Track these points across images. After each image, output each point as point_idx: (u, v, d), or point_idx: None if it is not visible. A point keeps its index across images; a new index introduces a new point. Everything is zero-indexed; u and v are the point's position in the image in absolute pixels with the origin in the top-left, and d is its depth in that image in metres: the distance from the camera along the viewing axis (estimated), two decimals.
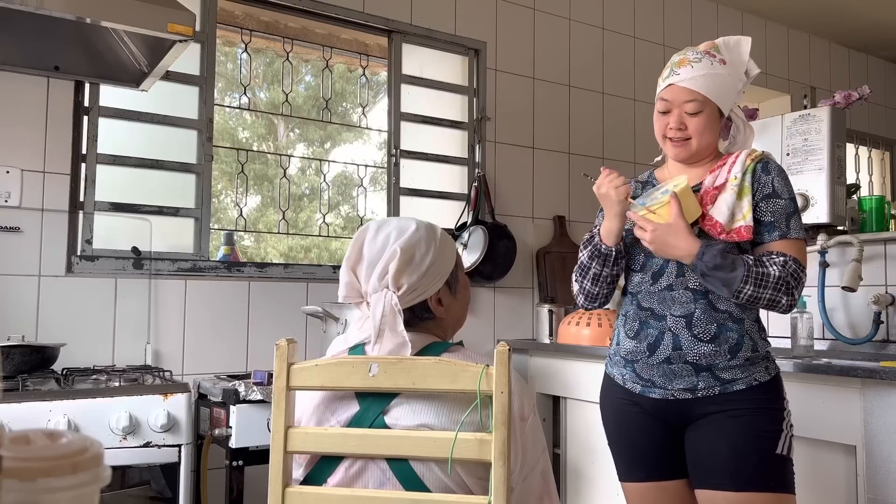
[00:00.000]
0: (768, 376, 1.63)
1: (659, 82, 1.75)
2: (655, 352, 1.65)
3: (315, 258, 3.59)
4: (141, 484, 2.34)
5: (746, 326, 1.63)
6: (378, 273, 1.32)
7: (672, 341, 1.63)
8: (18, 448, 0.51)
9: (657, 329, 1.66)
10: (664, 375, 1.64)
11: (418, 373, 1.23)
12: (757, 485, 1.56)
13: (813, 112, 2.61)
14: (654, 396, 1.67)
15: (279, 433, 1.28)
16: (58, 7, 1.95)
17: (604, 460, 2.73)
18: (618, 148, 3.88)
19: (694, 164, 1.76)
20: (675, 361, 1.63)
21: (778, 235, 1.63)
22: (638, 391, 1.70)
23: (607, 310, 2.99)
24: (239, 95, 3.18)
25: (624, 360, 1.72)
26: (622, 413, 1.75)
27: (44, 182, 2.51)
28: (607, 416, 1.81)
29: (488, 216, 3.38)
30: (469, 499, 1.23)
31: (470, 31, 3.47)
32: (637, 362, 1.68)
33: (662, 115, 1.73)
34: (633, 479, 1.76)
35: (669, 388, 1.64)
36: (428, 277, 1.34)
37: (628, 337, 1.71)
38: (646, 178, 1.87)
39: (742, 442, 1.58)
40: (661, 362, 1.64)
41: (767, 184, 1.66)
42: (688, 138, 1.70)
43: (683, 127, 1.69)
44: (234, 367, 2.76)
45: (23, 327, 2.40)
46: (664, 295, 1.67)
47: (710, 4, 4.34)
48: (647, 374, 1.67)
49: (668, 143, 1.73)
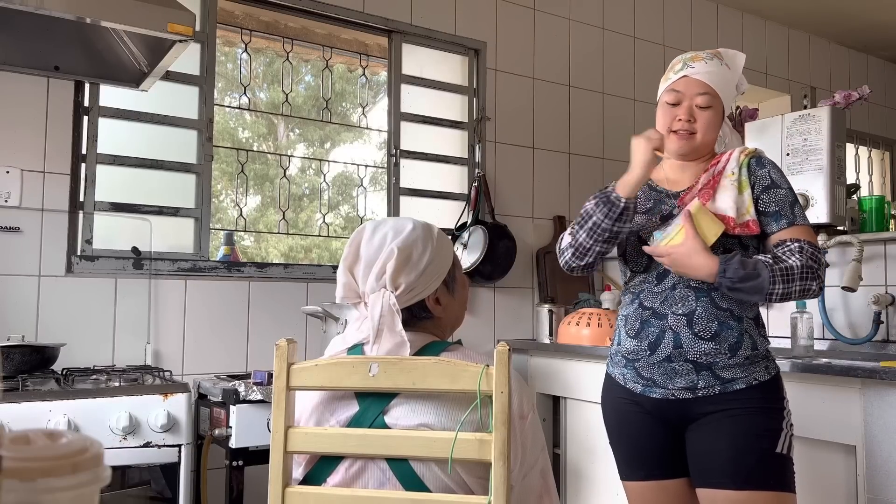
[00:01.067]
0: (768, 376, 1.63)
1: (668, 76, 1.75)
2: (656, 350, 1.64)
3: (315, 258, 3.59)
4: (141, 484, 2.34)
5: (745, 325, 1.63)
6: (376, 273, 1.32)
7: (673, 340, 1.63)
8: (18, 448, 0.51)
9: (658, 328, 1.65)
10: (665, 374, 1.64)
11: (418, 373, 1.23)
12: (757, 484, 1.56)
13: (813, 112, 2.61)
14: (654, 396, 1.67)
15: (279, 433, 1.28)
16: (58, 7, 1.95)
17: (604, 460, 2.73)
18: (618, 148, 3.88)
19: (691, 162, 1.76)
20: (676, 360, 1.62)
21: (786, 223, 1.64)
22: (639, 391, 1.70)
23: (607, 310, 2.99)
24: (239, 95, 3.18)
25: (625, 359, 1.72)
26: (623, 413, 1.75)
27: (44, 182, 2.51)
28: (608, 415, 1.81)
29: (488, 216, 3.38)
30: (469, 499, 1.23)
31: (470, 31, 3.47)
32: (638, 361, 1.68)
33: (671, 107, 1.72)
34: (634, 479, 1.76)
35: (670, 387, 1.65)
36: (425, 277, 1.34)
37: (629, 336, 1.71)
38: None
39: (742, 441, 1.58)
40: (661, 361, 1.64)
41: (765, 176, 1.67)
42: (693, 132, 1.70)
43: (693, 119, 1.69)
44: (234, 367, 2.76)
45: (23, 327, 2.40)
46: (667, 294, 1.67)
47: (710, 4, 4.34)
48: (647, 374, 1.67)
49: (672, 136, 1.72)
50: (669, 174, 1.79)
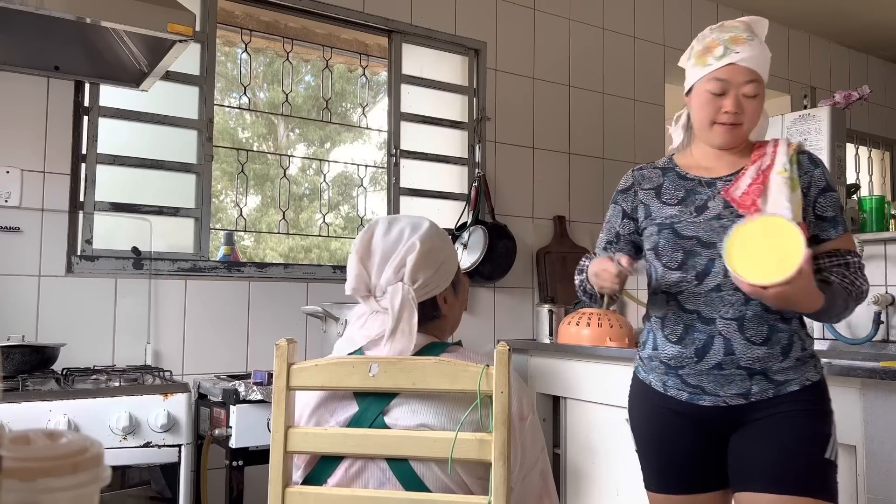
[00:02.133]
0: (818, 376, 1.55)
1: (707, 60, 1.56)
2: (704, 357, 1.53)
3: (315, 258, 3.59)
4: (141, 484, 2.34)
5: (794, 326, 1.54)
6: (394, 266, 1.31)
7: (723, 346, 1.51)
8: (18, 448, 0.51)
9: (705, 333, 1.53)
10: (715, 382, 1.53)
11: (418, 373, 1.23)
12: (802, 489, 1.47)
13: (813, 112, 2.61)
14: (703, 404, 1.55)
15: (279, 433, 1.28)
16: (58, 7, 1.95)
17: (604, 460, 2.73)
18: (618, 148, 3.88)
19: (728, 152, 1.63)
20: (728, 367, 1.51)
21: (842, 230, 1.57)
22: (684, 398, 1.57)
23: (607, 310, 2.99)
24: (239, 95, 3.18)
25: (666, 365, 1.59)
26: (661, 422, 1.62)
27: (44, 182, 2.51)
28: (641, 424, 1.68)
29: (488, 216, 3.38)
30: (469, 499, 1.23)
31: (470, 31, 3.47)
32: (682, 368, 1.56)
33: (716, 98, 1.56)
34: (665, 491, 1.64)
35: (721, 394, 1.53)
36: (440, 274, 1.35)
37: (669, 341, 1.58)
38: (665, 164, 1.71)
39: (791, 444, 1.49)
40: (710, 368, 1.52)
41: (820, 177, 1.57)
42: (740, 123, 1.56)
43: (741, 110, 1.55)
44: (234, 367, 2.76)
45: (23, 327, 2.40)
46: (712, 296, 1.53)
47: (710, 4, 4.34)
48: (695, 381, 1.55)
49: (716, 128, 1.57)
50: (702, 161, 1.65)
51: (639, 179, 1.72)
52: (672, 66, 4.11)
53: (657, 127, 4.03)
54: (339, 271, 3.05)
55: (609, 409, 2.71)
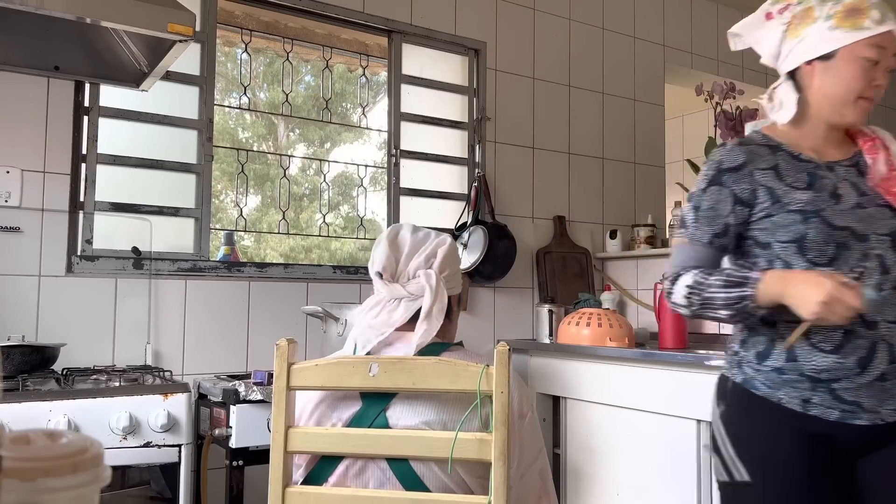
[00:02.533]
0: None
1: (860, 22, 1.37)
2: (868, 367, 1.33)
3: (316, 258, 3.59)
4: (141, 484, 2.34)
5: None
6: (426, 255, 1.38)
7: (888, 353, 1.33)
8: (18, 448, 0.51)
9: (868, 339, 1.34)
10: (875, 396, 1.34)
11: (418, 373, 1.24)
12: None
13: None
14: (859, 423, 1.34)
15: (279, 433, 1.28)
16: (58, 7, 1.95)
17: (604, 460, 2.73)
18: (618, 148, 3.88)
19: (837, 133, 1.49)
20: (890, 378, 1.33)
21: None
22: (833, 418, 1.35)
23: (607, 310, 2.99)
24: (239, 95, 3.18)
25: (813, 380, 1.36)
26: (795, 448, 1.37)
27: (44, 182, 2.51)
28: (762, 448, 1.41)
29: (488, 216, 3.38)
30: (469, 499, 1.23)
31: (470, 31, 3.47)
32: (838, 381, 1.34)
33: (871, 67, 1.38)
34: None
35: (880, 410, 1.34)
36: (457, 277, 1.44)
37: (822, 350, 1.35)
38: (767, 141, 1.50)
39: None
40: (874, 380, 1.33)
41: None
42: (876, 99, 1.41)
43: (887, 85, 1.40)
44: (234, 367, 2.76)
45: (23, 327, 2.40)
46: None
47: (710, 4, 4.33)
48: (852, 396, 1.34)
49: (860, 103, 1.41)
50: (804, 141, 1.48)
51: (752, 157, 1.45)
52: (672, 66, 4.11)
53: (657, 127, 4.03)
54: (339, 271, 3.05)
55: (609, 409, 2.71)
